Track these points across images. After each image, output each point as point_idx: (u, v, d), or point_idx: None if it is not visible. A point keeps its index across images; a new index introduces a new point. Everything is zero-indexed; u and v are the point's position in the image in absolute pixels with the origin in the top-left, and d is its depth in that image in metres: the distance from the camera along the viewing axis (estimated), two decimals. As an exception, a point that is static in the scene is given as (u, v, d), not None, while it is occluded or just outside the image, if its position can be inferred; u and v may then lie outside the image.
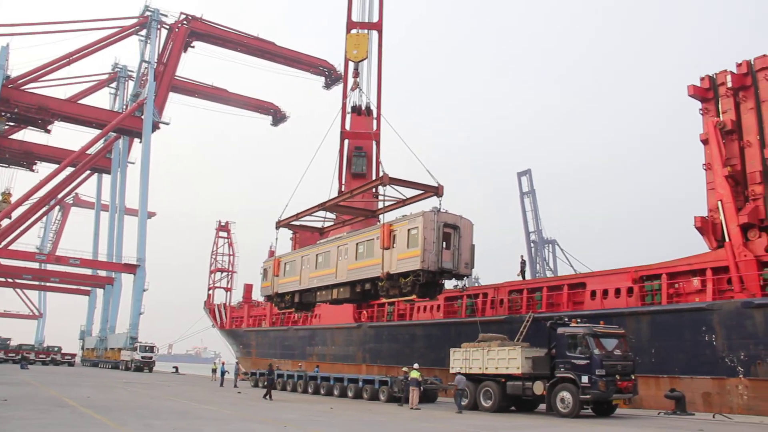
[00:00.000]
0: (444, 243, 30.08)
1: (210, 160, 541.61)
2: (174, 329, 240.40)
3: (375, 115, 50.64)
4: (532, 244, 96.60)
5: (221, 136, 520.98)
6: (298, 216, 40.23)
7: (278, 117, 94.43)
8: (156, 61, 78.75)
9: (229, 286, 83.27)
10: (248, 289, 75.62)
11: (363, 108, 51.38)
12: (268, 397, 30.80)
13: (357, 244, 34.55)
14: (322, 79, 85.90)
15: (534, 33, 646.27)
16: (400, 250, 30.79)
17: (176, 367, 75.89)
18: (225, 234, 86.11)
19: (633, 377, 23.72)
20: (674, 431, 18.85)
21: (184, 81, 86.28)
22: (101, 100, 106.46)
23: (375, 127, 50.34)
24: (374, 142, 50.32)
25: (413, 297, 31.30)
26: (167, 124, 79.52)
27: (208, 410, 23.23)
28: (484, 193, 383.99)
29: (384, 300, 35.24)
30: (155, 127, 77.52)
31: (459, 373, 26.88)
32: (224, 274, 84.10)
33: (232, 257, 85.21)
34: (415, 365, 28.58)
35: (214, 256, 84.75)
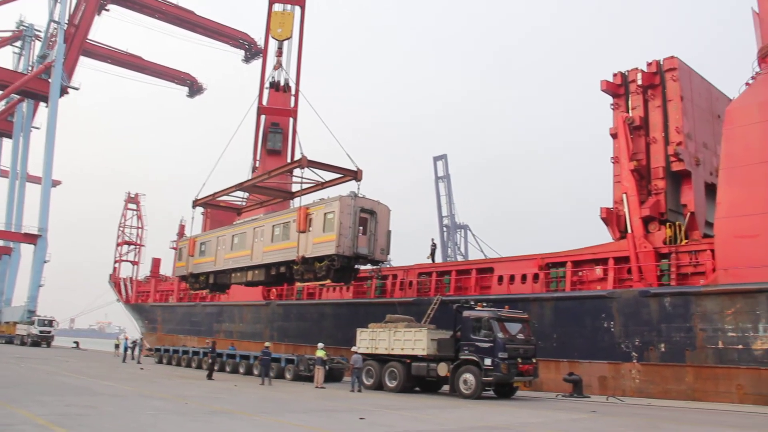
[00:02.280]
0: (360, 228, 30.03)
1: (124, 127, 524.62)
2: (77, 302, 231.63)
3: (294, 91, 49.97)
4: (444, 228, 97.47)
5: (137, 105, 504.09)
6: (215, 195, 39.42)
7: (195, 88, 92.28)
8: (67, 22, 74.63)
9: (136, 260, 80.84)
10: (156, 263, 73.67)
11: (282, 84, 50.57)
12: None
13: (273, 226, 34.09)
14: (242, 52, 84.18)
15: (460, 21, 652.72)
16: (315, 234, 30.55)
17: (77, 342, 73.14)
18: (134, 206, 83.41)
19: (534, 361, 24.40)
20: (568, 413, 19.47)
21: (97, 45, 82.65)
22: (4, 59, 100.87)
23: (293, 104, 49.71)
24: (291, 119, 49.72)
25: (327, 282, 31.22)
26: (77, 89, 75.65)
27: (107, 386, 22.46)
28: (400, 177, 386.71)
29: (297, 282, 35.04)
30: (63, 91, 73.55)
31: (356, 353, 26.99)
32: (132, 247, 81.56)
33: (140, 230, 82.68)
34: (320, 345, 28.61)
35: (121, 228, 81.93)
